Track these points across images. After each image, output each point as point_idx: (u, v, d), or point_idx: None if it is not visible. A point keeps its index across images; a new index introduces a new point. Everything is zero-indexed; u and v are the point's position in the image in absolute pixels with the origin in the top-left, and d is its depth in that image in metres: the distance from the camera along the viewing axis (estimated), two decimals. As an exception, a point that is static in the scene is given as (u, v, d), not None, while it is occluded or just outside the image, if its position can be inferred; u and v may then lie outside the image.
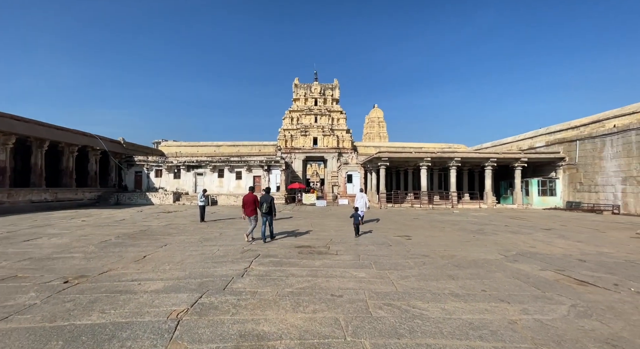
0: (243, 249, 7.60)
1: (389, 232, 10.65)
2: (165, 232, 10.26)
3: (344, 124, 36.12)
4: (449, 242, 8.67)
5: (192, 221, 13.78)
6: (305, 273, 5.49)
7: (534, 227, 11.82)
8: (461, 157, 22.15)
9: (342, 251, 7.40)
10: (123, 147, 28.02)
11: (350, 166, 28.90)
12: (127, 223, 12.80)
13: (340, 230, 11.04)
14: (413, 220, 14.60)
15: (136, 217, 15.08)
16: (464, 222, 13.51)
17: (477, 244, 8.29)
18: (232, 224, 12.57)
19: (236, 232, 10.32)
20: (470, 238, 9.32)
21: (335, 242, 8.49)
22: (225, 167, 28.59)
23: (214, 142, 37.26)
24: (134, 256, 6.72)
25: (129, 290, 4.50)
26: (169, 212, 18.16)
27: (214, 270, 5.62)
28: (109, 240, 8.72)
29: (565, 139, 21.59)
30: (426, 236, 9.71)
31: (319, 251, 7.41)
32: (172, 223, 12.86)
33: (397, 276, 5.27)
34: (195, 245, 8.06)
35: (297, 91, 37.20)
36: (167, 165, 28.06)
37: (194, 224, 12.50)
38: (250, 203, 8.79)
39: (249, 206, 8.79)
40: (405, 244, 8.37)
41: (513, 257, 6.76)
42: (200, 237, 9.26)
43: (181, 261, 6.33)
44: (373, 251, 7.43)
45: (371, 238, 9.26)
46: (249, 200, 8.82)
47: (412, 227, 12.00)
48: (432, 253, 7.15)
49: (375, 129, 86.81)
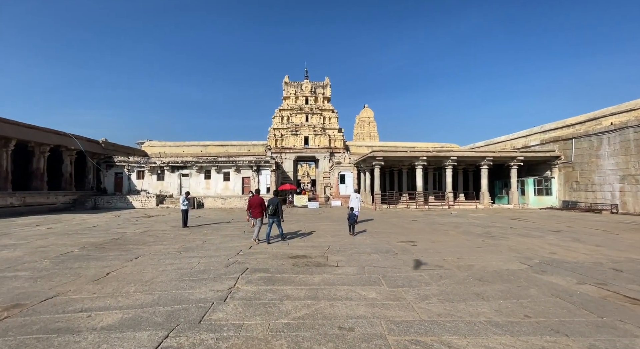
0: (228, 260, 6.55)
1: (391, 237, 9.76)
2: (140, 241, 9.06)
3: (335, 123, 35.27)
4: (459, 248, 7.84)
5: (173, 226, 12.57)
6: (303, 293, 4.51)
7: (541, 229, 11.17)
8: (457, 157, 21.59)
9: (343, 261, 6.45)
10: (101, 148, 26.31)
11: (343, 166, 28.03)
12: (99, 230, 11.49)
13: (338, 235, 10.09)
14: (412, 222, 13.79)
15: (111, 223, 13.73)
16: (465, 224, 12.79)
17: (491, 251, 7.48)
18: (218, 230, 11.44)
19: (222, 240, 9.23)
20: (480, 243, 8.52)
21: (333, 251, 7.52)
22: (212, 168, 27.24)
23: (201, 142, 35.75)
24: (94, 274, 5.57)
25: (71, 327, 3.40)
26: (149, 217, 16.82)
27: (190, 292, 4.57)
28: (70, 252, 7.49)
29: (560, 138, 21.31)
30: (432, 241, 8.86)
31: (316, 261, 6.43)
32: (151, 229, 11.63)
33: (414, 296, 4.35)
34: (172, 257, 6.94)
35: (287, 89, 36.13)
36: (150, 166, 26.51)
37: (175, 231, 11.31)
38: (257, 205, 8.73)
39: (255, 208, 8.72)
40: (411, 251, 7.48)
41: (538, 266, 5.95)
42: (180, 247, 8.13)
43: (151, 279, 5.23)
44: (378, 261, 6.51)
45: (373, 245, 8.34)
46: (255, 202, 8.75)
47: (413, 230, 11.16)
48: (446, 263, 6.28)
49: (365, 129, 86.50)
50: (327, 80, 36.82)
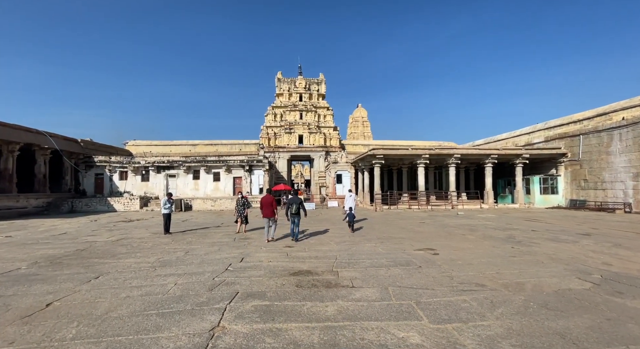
0: (214, 280, 5.18)
1: (404, 243, 8.51)
2: (109, 253, 7.59)
3: (331, 121, 33.99)
4: (490, 258, 6.62)
5: (154, 233, 11.08)
6: (316, 337, 3.18)
7: (567, 232, 10.09)
8: (461, 154, 20.55)
9: (359, 279, 5.15)
10: (80, 147, 24.42)
11: (340, 165, 26.78)
12: (65, 239, 9.93)
13: (342, 241, 8.78)
14: (420, 225, 12.59)
15: (83, 230, 12.14)
16: (480, 227, 11.65)
17: (531, 261, 6.28)
18: (205, 237, 10.01)
19: (208, 250, 7.82)
20: (511, 251, 7.34)
21: (343, 263, 6.22)
22: (201, 168, 25.64)
23: (189, 140, 34.00)
24: (29, 306, 4.14)
25: None
26: (129, 221, 15.23)
27: (154, 337, 3.19)
28: (14, 271, 5.99)
29: (566, 134, 20.49)
30: (454, 249, 7.64)
31: (325, 280, 5.12)
32: (127, 237, 10.12)
33: (476, 340, 3.07)
34: (142, 276, 5.52)
35: (280, 86, 34.69)
36: (134, 166, 24.74)
37: (155, 238, 9.83)
38: (268, 205, 8.70)
39: (267, 207, 8.70)
40: (436, 263, 6.23)
41: (606, 284, 4.76)
42: (156, 261, 6.71)
43: (105, 313, 3.83)
44: (401, 278, 5.23)
45: (388, 255, 7.06)
46: (267, 202, 8.76)
47: (426, 235, 9.94)
48: (487, 280, 5.04)
49: (359, 129, 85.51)
50: (321, 76, 35.54)
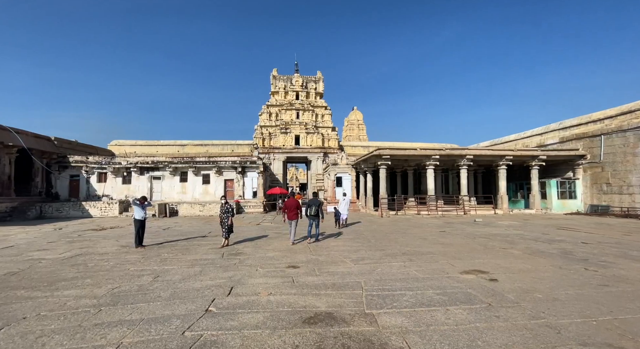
0: (184, 334, 3.24)
1: (439, 260, 6.67)
2: (48, 279, 5.54)
3: (329, 120, 32.24)
4: (575, 288, 4.82)
5: (123, 246, 9.01)
6: None
7: (628, 246, 8.39)
8: (474, 155, 18.93)
9: (413, 333, 3.28)
10: (54, 145, 22.05)
11: (340, 167, 24.94)
12: (4, 255, 7.78)
13: (361, 259, 6.89)
14: (441, 234, 10.78)
15: (38, 242, 9.96)
16: (514, 237, 9.89)
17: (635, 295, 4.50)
18: (186, 251, 8.00)
19: (186, 272, 5.85)
20: (593, 276, 5.55)
21: (375, 298, 4.33)
22: (189, 170, 23.49)
23: (178, 141, 31.75)
24: None
25: None
26: (101, 230, 13.06)
27: None
28: None
29: (585, 134, 19.10)
30: (509, 271, 5.82)
31: (361, 335, 3.23)
32: (86, 252, 8.03)
33: None
34: (72, 328, 3.53)
35: (275, 83, 32.84)
36: (114, 167, 22.45)
37: (121, 254, 7.78)
38: (293, 208, 8.78)
39: (291, 210, 8.77)
40: (507, 297, 4.40)
41: None
42: (107, 293, 4.71)
43: None
44: (476, 329, 3.36)
45: (429, 281, 5.19)
46: (292, 204, 8.83)
47: (457, 248, 8.11)
48: (617, 337, 3.21)
49: (355, 132, 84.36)
50: (319, 74, 33.82)
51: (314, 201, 8.97)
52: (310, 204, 8.87)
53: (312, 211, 8.75)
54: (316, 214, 8.80)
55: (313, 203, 8.86)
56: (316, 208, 8.77)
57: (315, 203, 8.86)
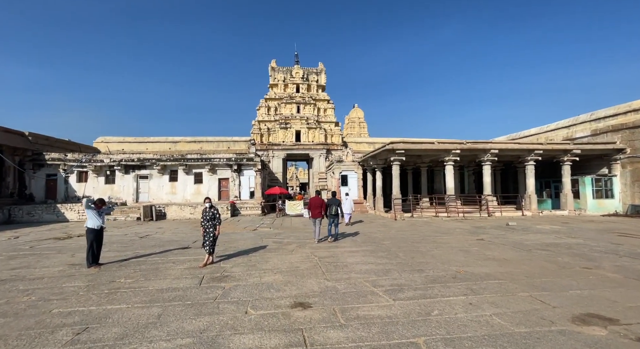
0: None
1: (516, 292, 4.51)
2: None
3: (332, 115, 30.04)
4: None
5: (73, 264, 6.83)
6: None
7: None
8: (499, 149, 16.76)
9: None
10: (28, 141, 19.81)
11: (346, 165, 22.75)
12: None
13: (397, 286, 4.72)
14: (482, 244, 8.59)
15: (-31, 258, 7.76)
16: (581, 248, 7.73)
17: None
18: (154, 273, 5.80)
19: (139, 313, 3.69)
20: None
21: None
22: (179, 168, 21.28)
23: (170, 137, 29.50)
24: None
25: None
26: (65, 239, 10.94)
27: None
28: None
29: (624, 125, 16.95)
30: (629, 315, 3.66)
31: None
32: (16, 277, 5.85)
33: None
34: None
35: (274, 75, 30.64)
36: (95, 165, 20.23)
37: (61, 279, 5.59)
38: (317, 206, 8.86)
39: (315, 208, 8.86)
40: None
41: None
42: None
43: None
44: None
45: (533, 339, 3.01)
46: (316, 203, 8.90)
47: (519, 266, 5.95)
48: None
49: (356, 130, 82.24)
50: (321, 65, 31.63)
51: (333, 200, 9.08)
52: (330, 203, 9.01)
53: (332, 211, 8.89)
54: (336, 214, 8.94)
55: (332, 203, 9.00)
56: (336, 208, 8.92)
57: (335, 203, 8.99)
